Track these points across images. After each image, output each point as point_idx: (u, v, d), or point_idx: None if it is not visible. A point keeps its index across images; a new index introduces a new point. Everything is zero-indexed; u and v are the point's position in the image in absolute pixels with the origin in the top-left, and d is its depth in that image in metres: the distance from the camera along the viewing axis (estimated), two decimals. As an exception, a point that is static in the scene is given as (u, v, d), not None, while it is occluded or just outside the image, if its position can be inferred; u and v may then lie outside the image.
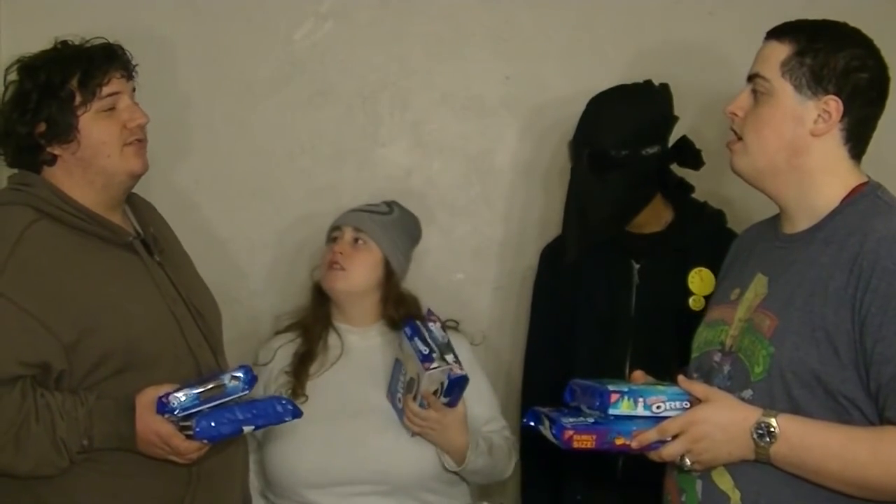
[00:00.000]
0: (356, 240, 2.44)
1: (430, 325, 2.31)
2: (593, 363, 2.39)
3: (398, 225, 2.50)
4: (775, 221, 1.94)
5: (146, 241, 2.17)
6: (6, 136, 2.11)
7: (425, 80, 2.80)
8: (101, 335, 2.00)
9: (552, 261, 2.57)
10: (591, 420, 1.81)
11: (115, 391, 2.00)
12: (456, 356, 2.25)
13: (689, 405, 1.79)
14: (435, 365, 2.21)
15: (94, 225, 2.08)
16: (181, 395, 1.92)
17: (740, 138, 1.86)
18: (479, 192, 2.82)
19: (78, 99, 2.06)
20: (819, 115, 1.81)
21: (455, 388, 2.23)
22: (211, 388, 1.93)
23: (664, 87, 2.45)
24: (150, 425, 1.95)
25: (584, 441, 1.79)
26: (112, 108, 2.09)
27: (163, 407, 1.93)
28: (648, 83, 2.45)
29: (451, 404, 2.25)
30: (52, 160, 2.09)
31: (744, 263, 1.97)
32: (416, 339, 2.27)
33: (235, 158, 2.75)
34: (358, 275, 2.43)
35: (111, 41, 2.13)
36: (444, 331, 2.31)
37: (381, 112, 2.80)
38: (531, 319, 2.63)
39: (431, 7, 2.79)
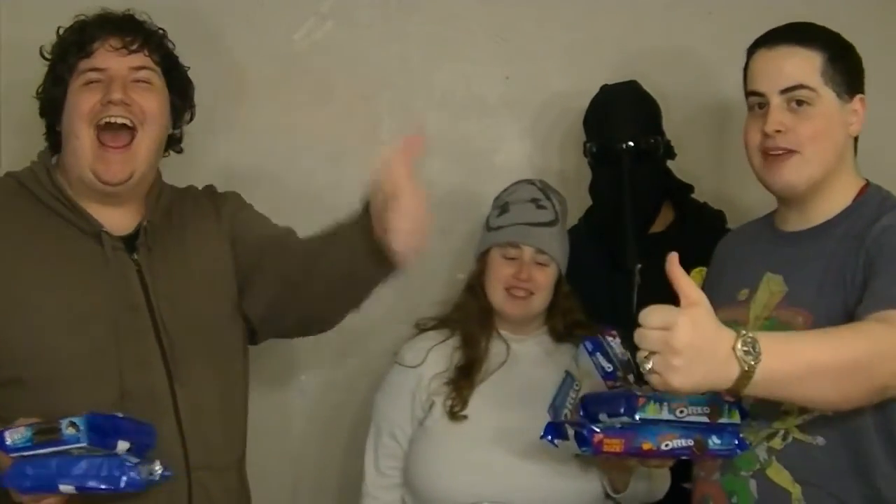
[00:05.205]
0: (537, 262, 2.30)
1: (610, 339, 2.13)
2: (594, 364, 2.40)
3: (563, 229, 2.37)
4: (768, 221, 1.96)
5: (132, 235, 1.93)
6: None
7: (425, 80, 2.80)
8: None
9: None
10: (618, 425, 1.77)
11: (4, 403, 1.79)
12: (636, 375, 2.06)
13: (708, 411, 1.76)
14: (619, 384, 2.06)
15: (65, 208, 1.89)
16: (16, 433, 1.65)
17: (789, 152, 1.83)
18: (479, 192, 2.82)
19: (62, 70, 1.92)
20: (854, 116, 1.85)
21: None
22: (44, 432, 1.65)
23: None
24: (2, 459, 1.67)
25: (613, 445, 1.76)
26: (97, 82, 1.90)
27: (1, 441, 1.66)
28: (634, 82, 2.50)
29: None
30: (58, 138, 1.95)
31: (741, 264, 1.97)
32: (597, 354, 2.10)
33: (236, 158, 2.75)
34: (542, 298, 2.31)
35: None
36: (625, 348, 2.10)
37: (381, 112, 2.79)
38: (531, 320, 2.62)
39: (431, 7, 2.79)
